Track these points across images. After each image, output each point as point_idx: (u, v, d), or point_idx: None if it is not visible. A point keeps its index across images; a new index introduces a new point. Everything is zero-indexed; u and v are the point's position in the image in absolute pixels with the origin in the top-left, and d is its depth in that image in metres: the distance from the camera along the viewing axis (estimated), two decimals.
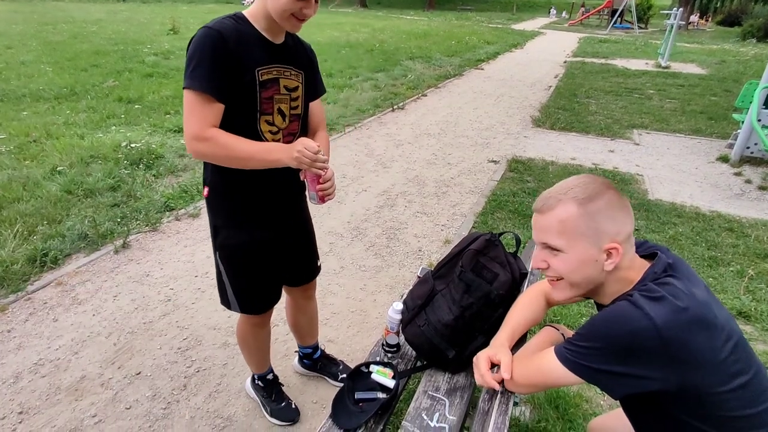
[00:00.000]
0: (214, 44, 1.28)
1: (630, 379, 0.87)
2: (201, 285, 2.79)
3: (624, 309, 0.90)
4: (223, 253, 1.59)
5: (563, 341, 0.99)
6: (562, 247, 0.96)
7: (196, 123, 1.30)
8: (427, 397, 1.43)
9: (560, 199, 0.96)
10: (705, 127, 6.36)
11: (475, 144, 5.54)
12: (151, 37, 11.61)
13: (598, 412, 2.02)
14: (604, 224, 0.94)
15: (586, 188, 0.96)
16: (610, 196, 0.96)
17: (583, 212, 0.94)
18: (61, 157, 4.32)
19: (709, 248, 3.30)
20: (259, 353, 1.91)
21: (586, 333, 0.92)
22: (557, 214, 0.96)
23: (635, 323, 0.86)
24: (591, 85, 8.86)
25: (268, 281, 1.68)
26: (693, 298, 0.87)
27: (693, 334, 0.84)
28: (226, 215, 1.55)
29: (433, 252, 3.24)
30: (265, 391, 1.98)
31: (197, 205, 3.73)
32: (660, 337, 0.83)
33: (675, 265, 0.95)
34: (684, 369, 0.84)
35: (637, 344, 0.85)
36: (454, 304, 1.46)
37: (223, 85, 1.31)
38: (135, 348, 2.31)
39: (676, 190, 4.36)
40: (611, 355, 0.88)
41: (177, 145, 4.88)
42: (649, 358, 0.85)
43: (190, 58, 1.30)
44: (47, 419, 1.92)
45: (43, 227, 3.23)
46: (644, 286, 0.92)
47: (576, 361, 0.93)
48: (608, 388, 0.92)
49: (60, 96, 6.35)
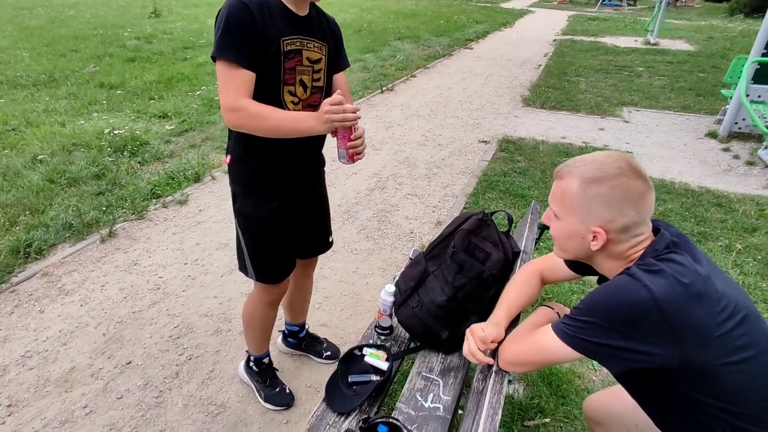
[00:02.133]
0: (240, 14, 1.29)
1: (631, 354, 0.86)
2: (191, 272, 2.75)
3: (622, 281, 0.89)
4: (241, 220, 1.61)
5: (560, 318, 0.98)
6: (558, 214, 1.02)
7: (230, 93, 1.32)
8: (421, 378, 1.42)
9: (571, 172, 0.99)
10: (693, 104, 6.36)
11: (465, 124, 5.49)
12: (131, 21, 11.27)
13: (590, 387, 2.04)
14: (597, 209, 0.95)
15: (599, 169, 0.95)
16: (617, 184, 0.93)
17: (582, 191, 0.96)
18: (42, 146, 4.21)
19: (698, 223, 3.33)
20: (263, 334, 1.90)
21: (585, 307, 0.91)
22: (563, 184, 1.00)
23: (633, 295, 0.85)
24: (581, 64, 8.80)
25: (283, 251, 1.70)
26: (695, 274, 0.86)
27: (693, 307, 0.83)
28: (245, 183, 1.57)
29: (425, 234, 3.22)
30: (259, 376, 1.97)
31: (185, 192, 3.66)
32: (659, 309, 0.82)
33: (678, 242, 0.94)
34: (685, 343, 0.83)
35: (636, 316, 0.84)
36: (446, 284, 1.45)
37: (252, 55, 1.33)
38: (125, 337, 2.28)
39: (666, 166, 4.37)
40: (611, 328, 0.87)
41: (162, 131, 4.77)
42: (649, 331, 0.84)
43: (218, 28, 1.31)
44: (37, 411, 1.90)
45: (26, 217, 3.15)
46: (643, 261, 0.92)
47: (576, 336, 0.91)
48: (609, 364, 0.91)
49: (38, 83, 6.16)
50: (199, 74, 6.78)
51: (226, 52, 1.30)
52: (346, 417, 1.27)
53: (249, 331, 1.89)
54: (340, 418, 1.27)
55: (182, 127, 4.93)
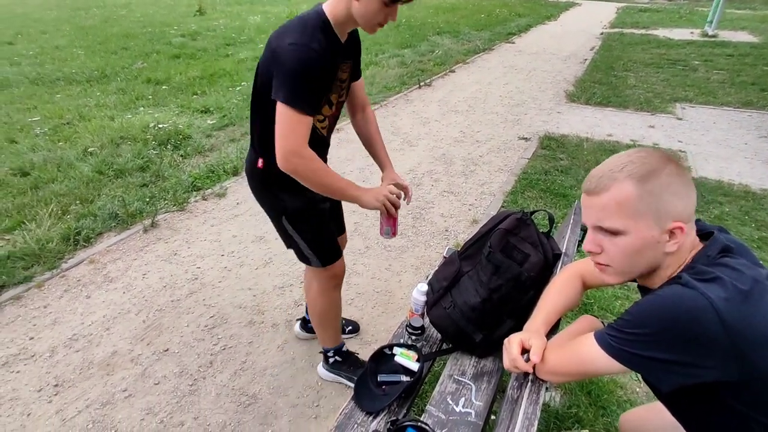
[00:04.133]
0: (312, 64, 1.30)
1: (684, 368, 0.78)
2: (227, 264, 2.81)
3: (676, 290, 0.80)
4: (291, 218, 1.63)
5: (604, 328, 0.91)
6: (621, 230, 0.87)
7: (297, 140, 1.34)
8: (453, 381, 1.37)
9: (616, 178, 0.86)
10: (756, 99, 5.93)
11: (505, 121, 5.34)
12: (178, 19, 11.68)
13: (633, 399, 1.92)
14: (666, 202, 0.84)
15: (643, 163, 0.85)
16: (670, 170, 0.85)
17: (642, 191, 0.84)
18: (93, 139, 4.41)
19: (758, 228, 3.09)
20: (337, 321, 1.93)
21: (633, 318, 0.84)
22: (613, 194, 0.86)
23: (690, 303, 0.77)
24: (630, 58, 8.39)
25: (330, 231, 1.75)
26: (754, 280, 0.78)
27: (755, 315, 0.75)
28: (286, 183, 1.55)
29: (460, 232, 3.15)
30: (346, 365, 1.99)
31: (224, 185, 3.74)
32: (720, 319, 0.74)
33: (733, 247, 0.85)
34: (747, 355, 0.75)
35: (693, 327, 0.76)
36: (481, 286, 1.39)
37: (318, 100, 1.39)
38: (163, 325, 2.34)
39: (723, 167, 4.08)
40: (663, 341, 0.79)
41: (204, 126, 4.90)
42: (706, 343, 0.76)
43: (291, 77, 1.29)
44: (81, 392, 1.98)
45: (76, 207, 3.30)
46: (694, 268, 0.83)
47: (622, 349, 0.84)
48: (658, 379, 0.83)
49: (91, 79, 6.47)
50: (240, 70, 6.94)
51: (299, 102, 1.31)
52: (374, 417, 1.25)
53: (325, 324, 1.89)
54: (369, 417, 1.24)
55: (223, 121, 5.04)
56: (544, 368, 1.00)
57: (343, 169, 4.03)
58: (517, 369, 1.05)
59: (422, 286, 1.49)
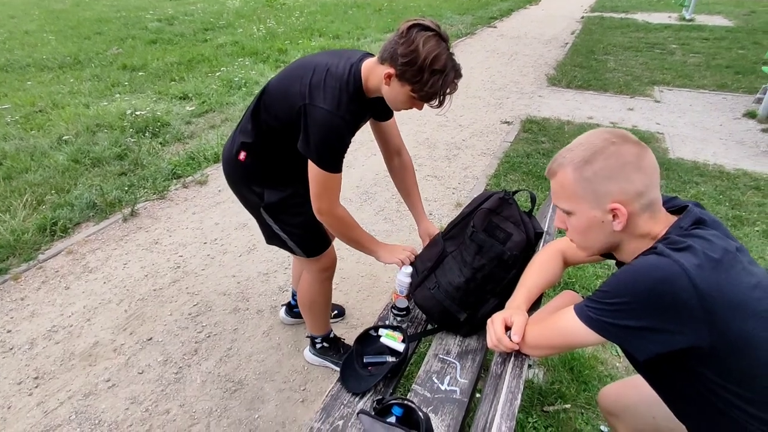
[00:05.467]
0: (343, 134, 1.38)
1: (659, 335, 0.80)
2: (210, 251, 2.77)
3: (650, 260, 0.83)
4: (271, 212, 1.61)
5: (583, 300, 0.92)
6: (569, 210, 0.95)
7: (330, 199, 1.46)
8: (438, 360, 1.39)
9: (561, 164, 0.94)
10: (731, 82, 6.04)
11: (487, 105, 5.35)
12: (153, 3, 11.33)
13: (613, 374, 1.97)
14: (602, 185, 0.89)
15: (586, 149, 0.91)
16: (609, 154, 0.88)
17: (579, 176, 0.90)
18: (67, 127, 4.28)
19: (733, 207, 3.17)
20: (327, 310, 1.93)
21: (610, 289, 0.86)
22: (558, 179, 0.95)
23: (664, 271, 0.79)
24: (609, 41, 8.45)
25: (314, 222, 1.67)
26: (725, 250, 0.81)
27: (726, 283, 0.78)
28: (268, 177, 1.58)
29: (444, 215, 3.16)
30: (332, 350, 2.00)
31: (204, 173, 3.68)
32: (693, 285, 0.77)
33: (706, 220, 0.87)
34: (717, 319, 0.77)
35: (667, 293, 0.78)
36: (465, 266, 1.40)
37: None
38: (146, 314, 2.31)
39: (699, 148, 4.17)
40: (639, 309, 0.81)
41: (183, 112, 4.80)
42: (680, 309, 0.78)
43: (322, 143, 1.36)
44: (62, 383, 1.95)
45: (52, 196, 3.22)
46: (667, 239, 0.86)
47: (599, 319, 0.86)
48: (634, 348, 0.85)
49: (64, 65, 6.26)
50: (219, 55, 6.78)
51: (332, 166, 1.39)
52: (360, 397, 1.26)
53: (313, 312, 1.89)
54: (355, 398, 1.25)
55: (202, 108, 4.94)
56: (526, 343, 1.01)
57: None
58: (502, 347, 1.06)
59: (407, 268, 1.50)
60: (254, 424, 1.80)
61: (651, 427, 1.18)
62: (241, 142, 1.54)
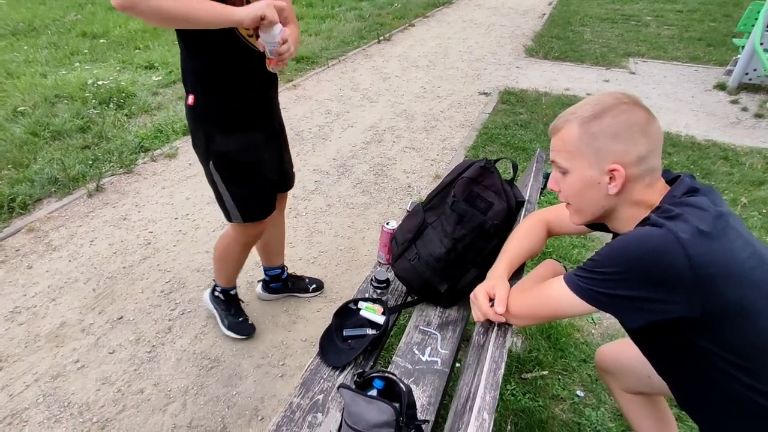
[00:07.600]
0: None
1: (652, 304, 0.79)
2: (182, 227, 2.68)
3: (643, 230, 0.81)
4: (218, 162, 1.52)
5: (572, 270, 0.90)
6: (567, 168, 0.93)
7: None
8: (419, 331, 1.37)
9: (567, 119, 0.92)
10: (703, 54, 6.11)
11: (465, 76, 5.27)
12: None
13: (590, 341, 2.01)
14: (606, 144, 0.87)
15: (596, 105, 0.89)
16: (618, 112, 0.87)
17: (584, 131, 0.88)
18: (24, 97, 4.01)
19: (703, 177, 3.24)
20: (235, 271, 1.93)
21: (602, 258, 0.84)
22: (562, 134, 0.92)
23: (657, 240, 0.78)
24: (586, 13, 8.42)
25: (264, 185, 1.64)
26: (716, 216, 0.79)
27: (718, 249, 0.77)
28: (219, 118, 1.47)
29: (423, 188, 3.13)
30: (225, 305, 2.01)
31: (174, 145, 3.52)
32: (686, 253, 0.75)
33: (699, 188, 0.86)
34: (710, 288, 0.76)
35: (660, 262, 0.77)
36: (445, 236, 1.37)
37: None
38: (116, 293, 2.23)
39: (672, 119, 4.23)
40: (632, 279, 0.79)
41: (149, 83, 4.56)
42: (673, 278, 0.77)
43: None
44: (28, 366, 1.87)
45: (9, 171, 3.03)
46: (659, 209, 0.84)
47: (591, 289, 0.84)
48: (627, 317, 0.84)
49: (18, 31, 5.85)
50: None
51: None
52: (340, 371, 1.23)
53: (221, 266, 1.90)
54: (335, 372, 1.23)
55: (170, 78, 4.71)
56: (512, 313, 1.00)
57: (300, 127, 3.89)
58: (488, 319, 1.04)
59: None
60: (232, 400, 1.77)
61: (646, 385, 1.19)
62: (187, 88, 1.45)
